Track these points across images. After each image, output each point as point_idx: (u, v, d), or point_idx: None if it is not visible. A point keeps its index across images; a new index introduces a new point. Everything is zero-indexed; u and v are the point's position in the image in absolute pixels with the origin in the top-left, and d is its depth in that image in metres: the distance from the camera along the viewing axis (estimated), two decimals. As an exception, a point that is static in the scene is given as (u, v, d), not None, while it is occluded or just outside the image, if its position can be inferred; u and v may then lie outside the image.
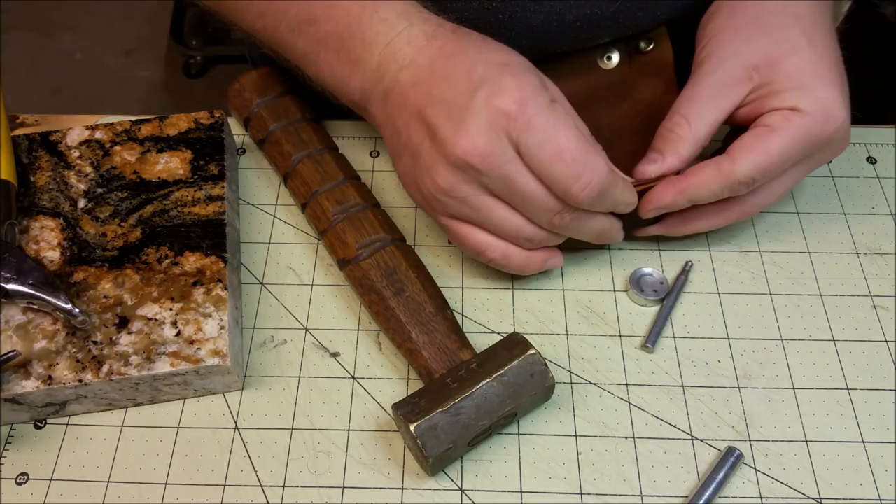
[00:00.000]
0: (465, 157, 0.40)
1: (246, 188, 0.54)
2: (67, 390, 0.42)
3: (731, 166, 0.44)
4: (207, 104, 0.56)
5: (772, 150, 0.43)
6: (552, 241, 0.45)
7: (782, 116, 0.44)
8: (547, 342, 0.47)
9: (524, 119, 0.40)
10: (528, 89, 0.40)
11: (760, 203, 0.47)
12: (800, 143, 0.44)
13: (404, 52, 0.43)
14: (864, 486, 0.42)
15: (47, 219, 0.48)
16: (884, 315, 0.48)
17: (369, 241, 0.47)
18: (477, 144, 0.40)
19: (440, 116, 0.41)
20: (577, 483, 0.42)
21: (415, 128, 0.42)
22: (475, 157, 0.40)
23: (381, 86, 0.44)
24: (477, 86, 0.40)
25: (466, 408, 0.40)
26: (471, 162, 0.40)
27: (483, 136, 0.40)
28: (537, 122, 0.40)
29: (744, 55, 0.45)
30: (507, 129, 0.40)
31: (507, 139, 0.40)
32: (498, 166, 0.40)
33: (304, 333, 0.47)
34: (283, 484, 0.42)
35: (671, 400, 0.45)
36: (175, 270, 0.46)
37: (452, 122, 0.40)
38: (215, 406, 0.45)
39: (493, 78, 0.40)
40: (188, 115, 0.53)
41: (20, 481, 0.42)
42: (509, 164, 0.40)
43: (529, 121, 0.40)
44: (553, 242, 0.45)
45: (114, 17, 1.88)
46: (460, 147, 0.40)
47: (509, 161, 0.40)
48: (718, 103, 0.45)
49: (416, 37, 0.43)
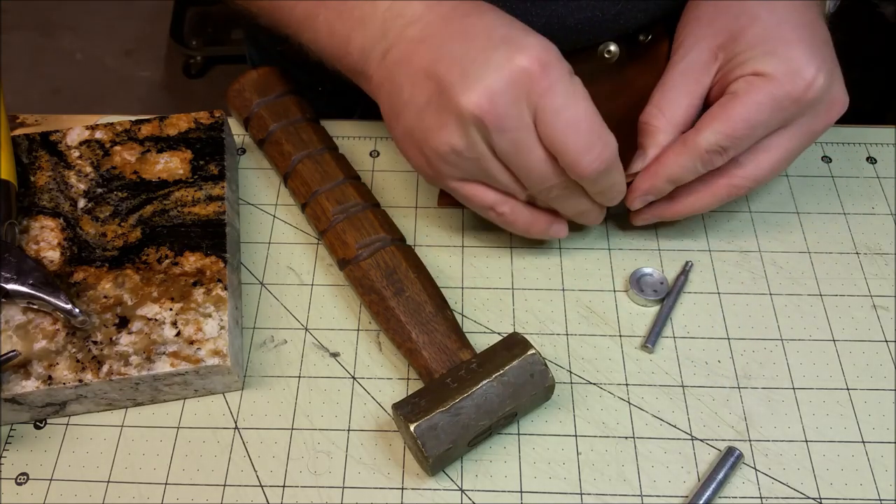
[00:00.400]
0: (481, 116, 0.38)
1: (246, 188, 0.54)
2: (67, 390, 0.42)
3: (695, 137, 0.43)
4: (207, 104, 0.56)
5: (733, 115, 0.42)
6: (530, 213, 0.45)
7: (745, 82, 0.43)
8: (547, 342, 0.47)
9: (545, 83, 0.38)
10: (550, 52, 0.39)
11: (749, 175, 0.45)
12: (766, 106, 0.42)
13: (412, 8, 0.42)
14: (864, 486, 0.42)
15: (47, 219, 0.48)
16: (884, 315, 0.48)
17: (369, 241, 0.47)
18: (495, 102, 0.38)
19: (453, 72, 0.39)
20: (577, 483, 0.42)
21: (421, 85, 0.40)
22: (490, 116, 0.38)
23: (383, 43, 0.42)
24: (498, 43, 0.39)
25: (466, 408, 0.40)
26: (486, 120, 0.38)
27: (502, 96, 0.38)
28: (559, 87, 0.38)
29: (707, 37, 0.45)
30: (528, 91, 0.38)
31: (525, 102, 0.39)
32: (511, 129, 0.39)
33: (304, 333, 0.47)
34: (283, 484, 0.42)
35: (671, 400, 0.45)
36: (175, 270, 0.46)
37: (467, 78, 0.39)
38: (215, 406, 0.45)
39: (517, 37, 0.39)
40: (188, 115, 0.53)
41: (20, 481, 0.42)
42: (522, 129, 0.39)
43: (551, 85, 0.38)
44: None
45: (114, 17, 1.88)
46: (475, 103, 0.38)
47: (522, 127, 0.39)
48: (690, 88, 0.45)
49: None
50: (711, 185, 0.46)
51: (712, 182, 0.46)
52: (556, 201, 0.44)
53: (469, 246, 0.51)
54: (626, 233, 0.52)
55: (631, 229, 0.52)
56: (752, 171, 0.45)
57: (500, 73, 0.38)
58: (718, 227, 0.52)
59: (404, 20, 0.42)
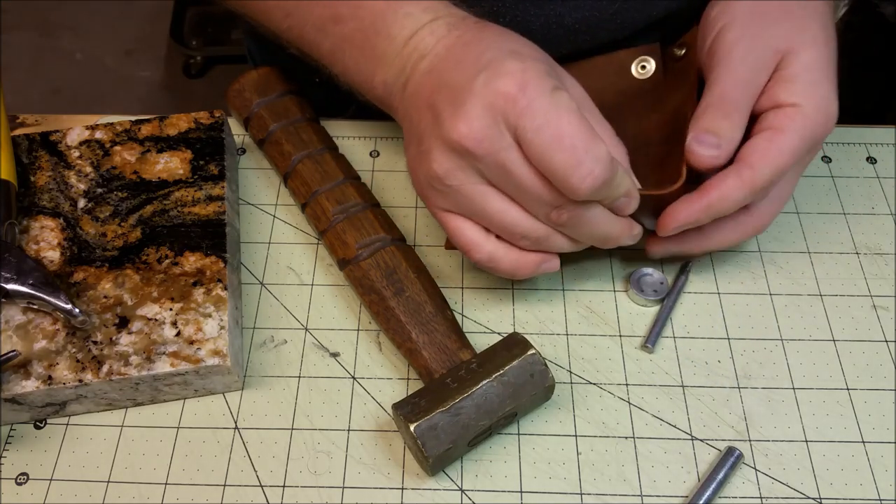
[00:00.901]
0: (460, 141, 0.39)
1: (246, 188, 0.54)
2: (67, 390, 0.42)
3: (751, 174, 0.42)
4: (207, 104, 0.56)
5: (784, 149, 0.42)
6: (552, 240, 0.43)
7: (786, 116, 0.43)
8: (547, 342, 0.47)
9: (524, 102, 0.38)
10: (530, 72, 0.39)
11: (773, 211, 0.46)
12: (805, 142, 0.43)
13: (426, 42, 0.43)
14: (864, 486, 0.42)
15: (47, 219, 0.48)
16: (884, 315, 0.48)
17: (369, 241, 0.47)
18: (473, 128, 0.39)
19: (444, 101, 0.40)
20: (577, 483, 0.42)
21: (424, 114, 0.42)
22: (470, 141, 0.39)
23: (402, 77, 0.44)
24: (481, 69, 0.39)
25: (466, 408, 0.40)
26: (466, 146, 0.39)
27: (479, 120, 0.39)
28: (537, 105, 0.38)
29: (772, 38, 0.44)
30: (504, 113, 0.38)
31: (504, 124, 0.39)
32: (493, 152, 0.39)
33: (304, 333, 0.47)
34: (283, 484, 0.42)
35: (671, 400, 0.45)
36: (175, 270, 0.46)
37: (454, 105, 0.39)
38: (215, 406, 0.45)
39: (498, 61, 0.39)
40: (188, 115, 0.53)
41: (20, 481, 0.42)
42: (505, 150, 0.39)
43: (529, 104, 0.38)
44: (554, 243, 0.43)
45: (114, 17, 1.88)
46: (456, 130, 0.39)
47: (505, 147, 0.39)
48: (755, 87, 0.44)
49: (439, 28, 0.43)
50: (740, 222, 0.46)
51: (741, 219, 0.46)
52: (573, 224, 0.42)
53: (469, 246, 0.51)
54: (626, 233, 0.52)
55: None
56: (774, 206, 0.46)
57: (479, 99, 0.39)
58: (718, 227, 0.52)
59: (419, 54, 0.43)
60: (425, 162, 0.41)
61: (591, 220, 0.42)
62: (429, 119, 0.41)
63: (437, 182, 0.41)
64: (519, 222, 0.42)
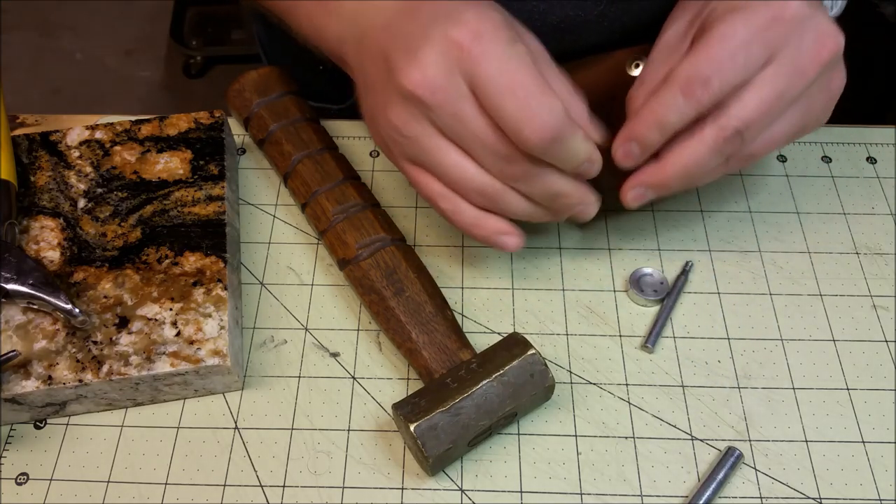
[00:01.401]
0: (413, 90, 0.38)
1: (246, 188, 0.54)
2: (67, 390, 0.42)
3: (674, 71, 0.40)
4: (207, 104, 0.56)
5: (710, 41, 0.39)
6: (507, 198, 0.42)
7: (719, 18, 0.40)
8: (547, 342, 0.47)
9: (478, 51, 0.38)
10: (487, 23, 0.38)
11: (736, 114, 0.40)
12: (742, 27, 0.39)
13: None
14: (864, 486, 0.42)
15: (47, 219, 0.48)
16: (884, 315, 0.48)
17: (369, 241, 0.47)
18: (427, 76, 0.38)
19: (399, 50, 0.39)
20: (577, 483, 0.42)
21: (378, 65, 0.41)
22: (424, 90, 0.38)
23: (355, 31, 0.44)
24: (438, 18, 0.39)
25: (466, 408, 0.40)
26: (419, 95, 0.38)
27: (433, 67, 0.38)
28: (492, 54, 0.38)
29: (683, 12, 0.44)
30: (459, 62, 0.38)
31: (459, 74, 0.38)
32: (447, 102, 0.38)
33: (304, 333, 0.47)
34: (283, 484, 0.42)
35: (671, 400, 0.45)
36: (175, 270, 0.46)
37: (408, 53, 0.39)
38: (215, 406, 0.45)
39: (455, 10, 0.39)
40: (188, 115, 0.53)
41: (20, 481, 0.42)
42: (460, 100, 0.38)
43: (484, 52, 0.38)
44: (509, 202, 0.42)
45: (114, 17, 1.88)
46: (410, 78, 0.38)
47: (460, 98, 0.38)
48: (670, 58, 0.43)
49: None
50: (697, 133, 0.41)
51: (698, 130, 0.41)
52: (526, 180, 0.41)
53: (469, 246, 0.51)
54: (626, 233, 0.52)
55: (631, 229, 0.52)
56: (738, 110, 0.40)
57: (434, 47, 0.38)
58: (718, 227, 0.52)
59: (374, 9, 0.43)
60: (382, 113, 0.41)
61: (545, 176, 0.41)
62: (382, 69, 0.40)
63: (395, 132, 0.41)
64: (474, 177, 0.41)
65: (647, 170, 0.43)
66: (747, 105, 0.40)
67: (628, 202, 0.44)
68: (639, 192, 0.43)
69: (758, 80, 0.40)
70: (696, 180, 0.43)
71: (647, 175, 0.43)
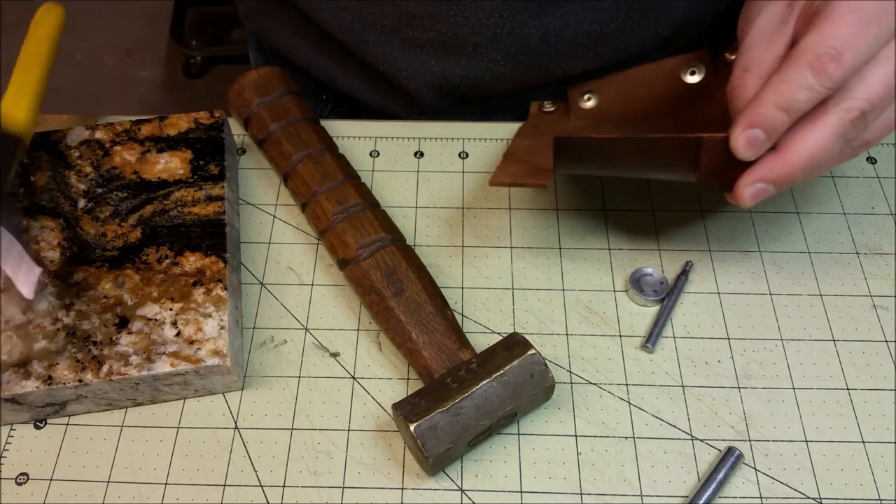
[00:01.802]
0: None
1: (246, 188, 0.54)
2: (67, 390, 0.42)
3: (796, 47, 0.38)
4: (207, 104, 0.57)
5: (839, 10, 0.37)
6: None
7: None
8: (547, 342, 0.47)
9: None
10: None
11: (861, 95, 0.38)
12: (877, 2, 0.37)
13: None
14: (864, 486, 0.42)
15: (47, 219, 0.48)
16: (884, 315, 0.48)
17: (369, 241, 0.47)
18: None
19: None
20: (577, 483, 0.42)
21: None
22: None
23: None
24: None
25: (466, 408, 0.40)
26: None
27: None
28: None
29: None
30: None
31: None
32: None
33: (304, 333, 0.47)
34: (283, 484, 0.42)
35: (671, 400, 0.45)
36: (175, 270, 0.46)
37: None
38: (215, 406, 0.45)
39: None
40: (188, 115, 0.53)
41: (20, 481, 0.42)
42: None
43: None
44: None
45: (114, 17, 1.88)
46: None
47: None
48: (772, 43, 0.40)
49: None
50: (820, 117, 0.39)
51: (820, 114, 0.39)
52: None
53: (469, 246, 0.51)
54: (626, 233, 0.52)
55: (631, 229, 0.52)
56: (862, 90, 0.38)
57: None
58: (718, 227, 0.52)
59: None
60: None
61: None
62: None
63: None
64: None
65: (766, 162, 0.40)
66: (873, 84, 0.38)
67: (745, 200, 0.41)
68: (758, 189, 0.40)
69: (880, 57, 0.38)
70: (818, 171, 0.40)
71: (768, 168, 0.40)
